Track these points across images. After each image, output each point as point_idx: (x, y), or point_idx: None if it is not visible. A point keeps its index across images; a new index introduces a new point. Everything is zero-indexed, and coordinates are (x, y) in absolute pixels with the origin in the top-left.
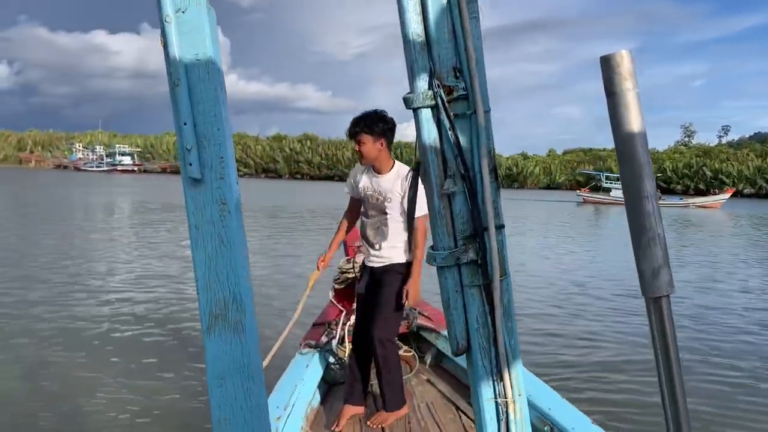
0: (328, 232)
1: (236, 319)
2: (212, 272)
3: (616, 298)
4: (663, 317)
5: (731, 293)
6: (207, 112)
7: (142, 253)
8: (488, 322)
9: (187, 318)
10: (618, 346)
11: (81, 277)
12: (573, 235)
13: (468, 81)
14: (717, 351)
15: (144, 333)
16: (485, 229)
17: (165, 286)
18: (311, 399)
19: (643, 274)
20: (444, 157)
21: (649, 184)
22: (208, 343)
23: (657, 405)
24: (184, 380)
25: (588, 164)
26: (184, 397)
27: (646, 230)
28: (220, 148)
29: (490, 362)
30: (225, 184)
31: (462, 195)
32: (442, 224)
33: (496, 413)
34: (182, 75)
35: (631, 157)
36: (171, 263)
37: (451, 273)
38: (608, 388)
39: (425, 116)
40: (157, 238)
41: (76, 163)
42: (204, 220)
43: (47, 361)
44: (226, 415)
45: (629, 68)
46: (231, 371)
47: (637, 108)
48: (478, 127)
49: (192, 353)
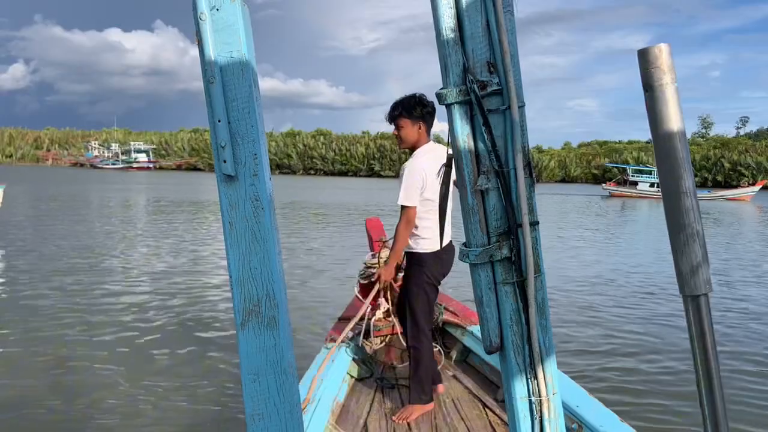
0: (342, 228)
1: (270, 314)
2: (246, 268)
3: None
4: (702, 316)
5: None
6: (241, 109)
7: (175, 249)
8: (522, 320)
9: (217, 314)
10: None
11: (110, 273)
12: (613, 231)
13: (502, 76)
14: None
15: (174, 328)
16: (519, 225)
17: (194, 282)
18: (337, 393)
19: (681, 272)
20: (477, 153)
21: (688, 181)
22: (242, 338)
23: (688, 404)
24: (217, 375)
25: (604, 157)
26: (218, 392)
27: (685, 227)
28: (253, 145)
29: (523, 360)
30: (258, 181)
31: (496, 191)
32: (475, 221)
33: (530, 412)
34: (217, 72)
35: (670, 153)
36: (201, 260)
37: (485, 270)
38: (638, 386)
39: (459, 112)
40: (178, 233)
41: (93, 160)
42: (238, 216)
43: (84, 354)
44: (260, 411)
45: (668, 62)
46: (265, 367)
47: (677, 103)
48: (512, 123)
49: (225, 348)
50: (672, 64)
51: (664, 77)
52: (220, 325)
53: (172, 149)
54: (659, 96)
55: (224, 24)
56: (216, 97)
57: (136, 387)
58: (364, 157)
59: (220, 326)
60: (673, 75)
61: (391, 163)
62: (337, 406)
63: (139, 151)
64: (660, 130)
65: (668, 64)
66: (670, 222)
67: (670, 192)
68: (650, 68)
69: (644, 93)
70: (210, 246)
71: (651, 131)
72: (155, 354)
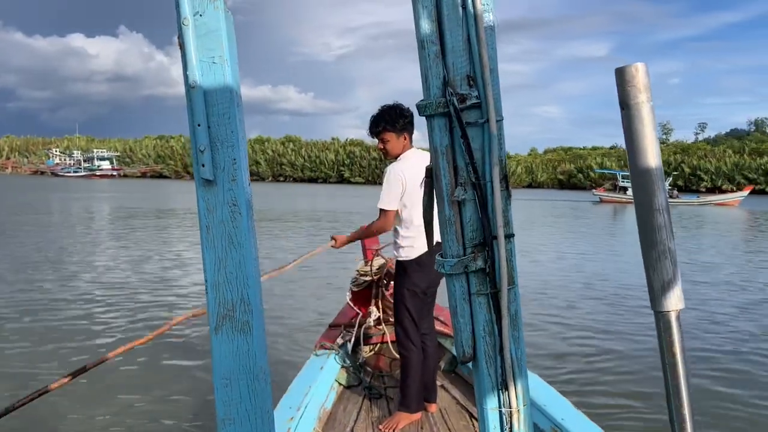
0: (308, 233)
1: (244, 319)
2: (221, 272)
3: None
4: (672, 332)
5: None
6: (221, 114)
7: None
8: (495, 331)
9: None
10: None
11: (69, 286)
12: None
13: (481, 89)
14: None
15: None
16: (494, 237)
17: (161, 291)
18: (324, 401)
19: (652, 288)
20: (455, 165)
21: (661, 198)
22: (215, 343)
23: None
24: (189, 380)
25: (569, 163)
26: (190, 397)
27: (657, 244)
28: (233, 150)
29: (495, 371)
30: (237, 186)
31: (472, 203)
32: (451, 232)
33: (500, 422)
34: (198, 77)
35: (644, 170)
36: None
37: (459, 281)
38: (623, 399)
39: (438, 124)
40: (143, 242)
41: (54, 168)
42: (215, 220)
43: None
44: (231, 415)
45: (644, 81)
46: (237, 372)
47: (652, 121)
48: (490, 136)
49: (192, 356)
50: (648, 83)
51: (640, 96)
52: (187, 332)
53: (136, 156)
54: (635, 114)
55: (207, 29)
56: (197, 102)
57: (99, 400)
58: (333, 163)
59: (186, 334)
60: (648, 94)
61: (360, 170)
62: (324, 413)
63: (103, 158)
64: (635, 147)
65: (644, 83)
66: (643, 238)
67: (643, 208)
68: (627, 87)
69: (621, 111)
70: (177, 255)
71: (627, 148)
72: (121, 366)
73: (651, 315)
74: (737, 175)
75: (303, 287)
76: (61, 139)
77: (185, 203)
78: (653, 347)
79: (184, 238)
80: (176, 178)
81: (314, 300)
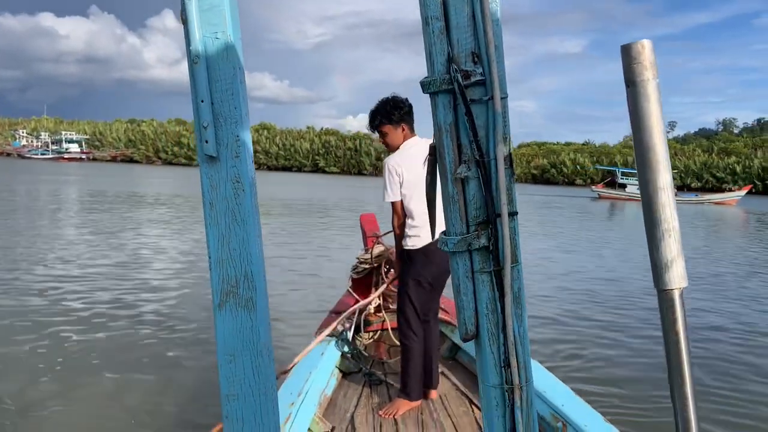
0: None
1: (248, 296)
2: (225, 249)
3: None
4: (675, 310)
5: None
6: (224, 90)
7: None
8: (498, 309)
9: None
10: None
11: (36, 273)
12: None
13: (486, 66)
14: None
15: (112, 323)
16: (498, 215)
17: (133, 278)
18: (325, 387)
19: (655, 266)
20: (459, 143)
21: (665, 176)
22: (219, 319)
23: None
24: (192, 358)
25: (542, 158)
26: (194, 374)
27: (661, 222)
28: (236, 126)
29: (498, 348)
30: (240, 162)
31: (476, 181)
32: (455, 210)
33: (502, 399)
34: (201, 52)
35: (649, 148)
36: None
37: (463, 259)
38: (622, 385)
39: (442, 101)
40: (114, 228)
41: (20, 150)
42: (218, 197)
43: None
44: (235, 391)
45: (650, 58)
46: (241, 348)
47: (657, 99)
48: (495, 113)
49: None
50: (654, 60)
51: (645, 73)
52: (157, 319)
53: (106, 140)
54: (640, 91)
55: (210, 4)
56: (200, 78)
57: (80, 391)
58: (308, 152)
59: (157, 320)
60: (654, 71)
61: (336, 160)
62: (324, 399)
63: (71, 141)
64: (640, 125)
65: (650, 60)
66: (647, 217)
67: (648, 187)
68: (632, 64)
69: (626, 88)
70: (151, 241)
71: (631, 126)
72: (94, 354)
73: (647, 303)
74: (705, 174)
75: (304, 274)
76: (28, 120)
77: (158, 188)
78: (651, 335)
79: (155, 223)
80: (147, 163)
81: (315, 287)
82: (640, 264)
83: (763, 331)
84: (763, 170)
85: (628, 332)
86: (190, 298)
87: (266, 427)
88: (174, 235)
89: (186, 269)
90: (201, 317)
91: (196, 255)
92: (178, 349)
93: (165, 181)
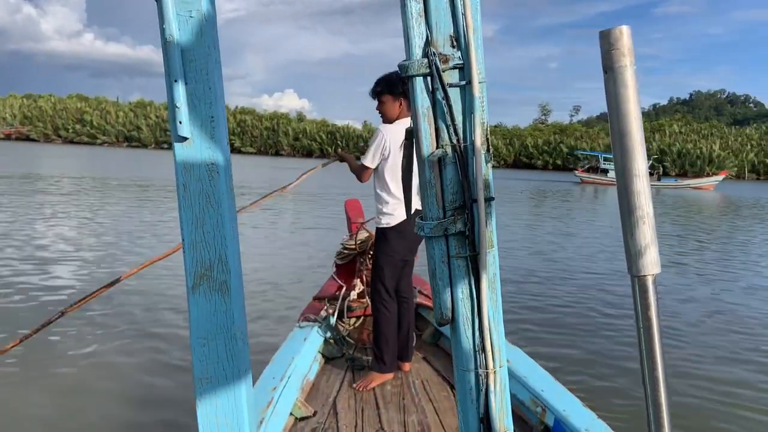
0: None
1: (222, 279)
2: (199, 232)
3: None
4: (648, 296)
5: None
6: (199, 70)
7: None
8: (473, 294)
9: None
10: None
11: None
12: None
13: (464, 50)
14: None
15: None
16: (475, 200)
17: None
18: (307, 372)
19: (629, 252)
20: (437, 127)
21: (641, 163)
22: (193, 302)
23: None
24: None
25: None
26: (166, 359)
27: (635, 209)
28: (211, 107)
29: (473, 333)
30: (215, 144)
31: (453, 165)
32: (431, 194)
33: (476, 384)
34: (175, 31)
35: (626, 134)
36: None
37: (439, 243)
38: (600, 370)
39: (419, 85)
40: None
41: None
42: (192, 179)
43: None
44: (208, 375)
45: (628, 44)
46: (214, 331)
47: (634, 85)
48: (473, 98)
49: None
50: (632, 46)
51: (623, 59)
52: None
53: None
54: (618, 78)
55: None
56: (173, 57)
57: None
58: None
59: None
60: (632, 58)
61: (252, 140)
62: (307, 384)
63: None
64: (617, 112)
65: (628, 47)
66: (622, 203)
67: (623, 173)
68: (610, 50)
69: (603, 74)
70: (54, 224)
71: (608, 112)
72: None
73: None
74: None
75: (286, 259)
76: None
77: (61, 168)
78: (623, 324)
79: (56, 204)
80: (45, 141)
81: (298, 272)
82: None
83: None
84: (660, 152)
85: (604, 316)
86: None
87: (240, 410)
88: (81, 219)
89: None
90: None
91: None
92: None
93: (68, 161)
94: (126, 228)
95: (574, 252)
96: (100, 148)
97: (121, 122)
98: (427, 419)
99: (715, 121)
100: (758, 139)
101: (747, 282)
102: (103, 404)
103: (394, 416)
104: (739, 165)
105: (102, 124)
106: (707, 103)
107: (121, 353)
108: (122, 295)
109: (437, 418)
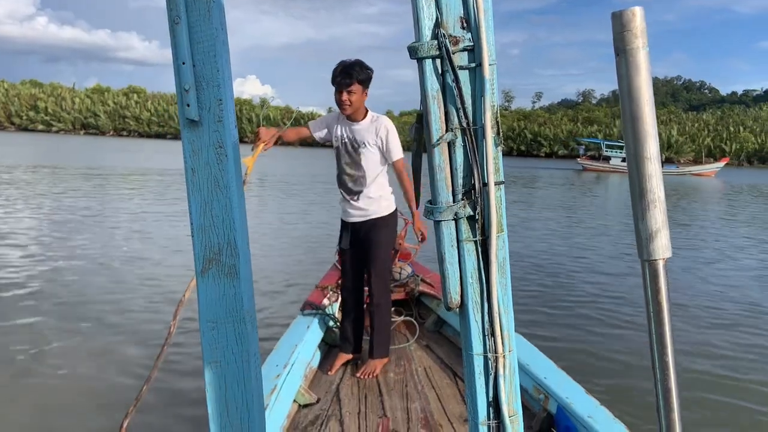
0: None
1: (231, 263)
2: (207, 216)
3: None
4: (658, 280)
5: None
6: (207, 52)
7: None
8: (482, 278)
9: None
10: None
11: None
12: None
13: (474, 32)
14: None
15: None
16: (485, 184)
17: None
18: (310, 359)
19: (640, 237)
20: (446, 110)
21: (652, 146)
22: (202, 286)
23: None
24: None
25: None
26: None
27: (647, 192)
28: (219, 89)
29: (482, 317)
30: (223, 127)
31: (462, 149)
32: (441, 178)
33: (485, 368)
34: (182, 12)
35: (638, 117)
36: None
37: (448, 227)
38: (602, 357)
39: (429, 67)
40: None
41: None
42: (200, 163)
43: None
44: (217, 358)
45: (641, 26)
46: (223, 315)
47: (647, 68)
48: (483, 80)
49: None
50: (644, 28)
51: (635, 41)
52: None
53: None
54: (630, 60)
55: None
56: (180, 39)
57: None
58: None
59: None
60: (644, 39)
61: None
62: (310, 371)
63: None
64: (629, 94)
65: (641, 29)
66: (633, 186)
67: (634, 156)
68: (623, 32)
69: (615, 57)
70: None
71: (620, 94)
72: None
73: (626, 276)
74: (572, 142)
75: (290, 247)
76: None
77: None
78: (630, 311)
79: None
80: (5, 129)
81: (301, 260)
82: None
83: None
84: (620, 137)
85: (612, 303)
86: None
87: (249, 393)
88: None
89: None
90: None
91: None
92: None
93: (23, 149)
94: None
95: (571, 243)
96: (56, 135)
97: (77, 109)
98: (430, 406)
99: (672, 107)
100: (714, 124)
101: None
102: (72, 413)
103: (397, 403)
104: (696, 150)
105: (57, 111)
106: (664, 90)
107: (85, 358)
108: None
109: (440, 405)
